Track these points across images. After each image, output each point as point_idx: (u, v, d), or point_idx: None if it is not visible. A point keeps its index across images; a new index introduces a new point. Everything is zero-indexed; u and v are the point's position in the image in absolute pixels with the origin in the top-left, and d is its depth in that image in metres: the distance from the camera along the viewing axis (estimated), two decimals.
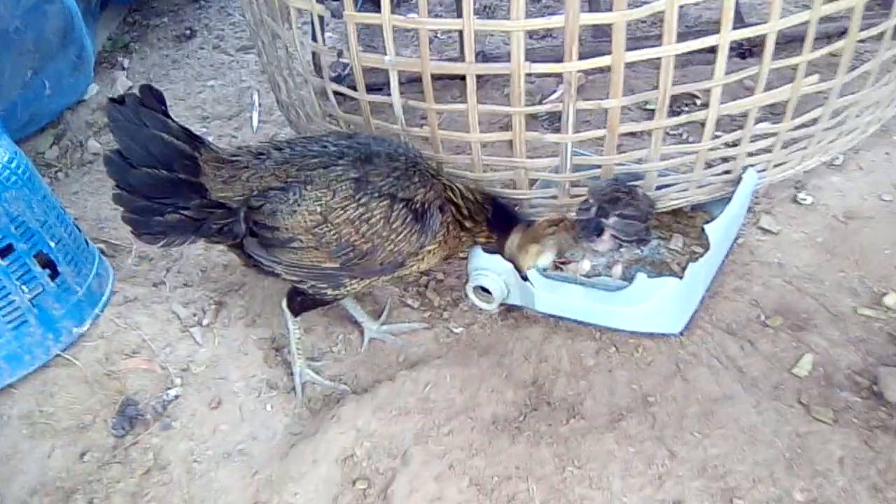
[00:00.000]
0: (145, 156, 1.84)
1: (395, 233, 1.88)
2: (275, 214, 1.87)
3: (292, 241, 1.89)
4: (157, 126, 1.84)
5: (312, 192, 1.86)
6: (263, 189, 1.88)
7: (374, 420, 1.94)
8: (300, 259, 1.92)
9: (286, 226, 1.87)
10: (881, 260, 2.18)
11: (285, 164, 1.90)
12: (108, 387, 2.19)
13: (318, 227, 1.86)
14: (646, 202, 2.01)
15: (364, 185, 1.87)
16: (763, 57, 1.93)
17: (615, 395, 1.93)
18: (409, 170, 1.93)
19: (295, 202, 1.86)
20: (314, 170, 1.88)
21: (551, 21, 1.83)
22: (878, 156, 2.49)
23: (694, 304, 2.05)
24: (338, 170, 1.88)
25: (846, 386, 1.92)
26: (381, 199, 1.87)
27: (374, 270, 1.95)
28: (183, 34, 3.87)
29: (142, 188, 1.87)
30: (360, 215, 1.86)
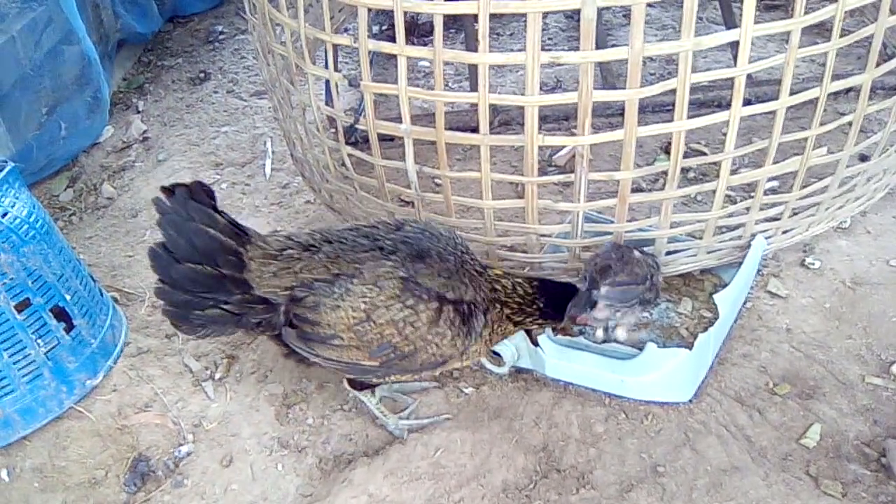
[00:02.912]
0: (190, 250, 1.84)
1: (439, 336, 1.85)
2: (317, 307, 1.83)
3: (333, 339, 1.86)
4: (204, 220, 1.84)
5: (358, 286, 1.82)
6: (310, 281, 1.85)
7: (386, 485, 1.95)
8: (340, 356, 1.89)
9: (329, 321, 1.84)
10: (889, 327, 2.20)
11: (336, 258, 1.87)
12: (121, 441, 2.21)
13: (361, 325, 1.83)
14: (644, 264, 2.03)
15: (412, 286, 1.83)
16: (773, 131, 1.96)
17: (625, 465, 1.94)
18: (459, 270, 1.90)
19: (340, 296, 1.82)
20: (363, 264, 1.85)
21: (565, 97, 1.86)
22: (886, 219, 2.51)
23: (703, 372, 2.07)
24: (387, 266, 1.84)
25: (854, 458, 1.93)
26: (430, 301, 1.83)
27: (413, 369, 1.93)
28: (197, 77, 3.92)
29: (184, 283, 1.86)
30: (406, 317, 1.82)
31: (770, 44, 3.40)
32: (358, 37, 1.93)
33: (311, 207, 2.93)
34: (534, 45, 1.78)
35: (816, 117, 1.97)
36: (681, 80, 1.82)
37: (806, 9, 1.78)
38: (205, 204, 1.85)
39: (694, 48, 1.78)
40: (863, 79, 1.95)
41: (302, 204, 2.97)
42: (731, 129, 1.91)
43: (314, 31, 2.05)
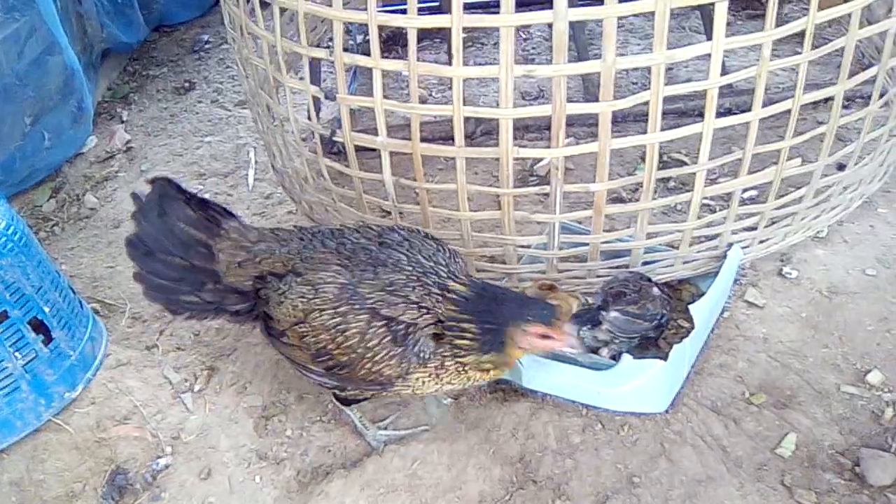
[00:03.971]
0: (161, 242, 1.94)
1: (370, 351, 1.77)
2: (268, 301, 1.88)
3: (283, 335, 1.88)
4: (175, 214, 1.94)
5: (300, 286, 1.83)
6: (265, 274, 1.90)
7: (362, 497, 1.95)
8: (291, 355, 1.92)
9: (277, 316, 1.87)
10: (864, 336, 2.21)
11: (296, 254, 1.90)
12: (99, 454, 2.20)
13: (300, 325, 1.83)
14: (659, 304, 2.04)
15: (347, 294, 1.78)
16: (747, 142, 1.98)
17: (601, 475, 1.95)
18: (416, 287, 1.78)
19: (284, 293, 1.85)
20: (312, 263, 1.86)
21: (539, 109, 1.87)
22: (863, 228, 2.53)
23: (679, 382, 2.08)
24: (332, 269, 1.83)
25: (829, 467, 1.94)
26: (360, 312, 1.77)
27: (359, 385, 1.88)
28: (182, 86, 3.93)
29: (159, 272, 1.97)
30: (336, 325, 1.78)
31: (751, 53, 3.42)
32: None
33: (294, 218, 2.93)
34: (507, 58, 1.79)
35: (790, 128, 1.99)
36: (654, 93, 1.83)
37: (781, 20, 1.80)
38: (175, 197, 1.94)
39: (666, 61, 1.80)
40: (836, 90, 1.97)
41: (284, 214, 2.97)
42: (704, 140, 1.92)
43: (290, 44, 2.05)
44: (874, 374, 2.12)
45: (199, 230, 1.94)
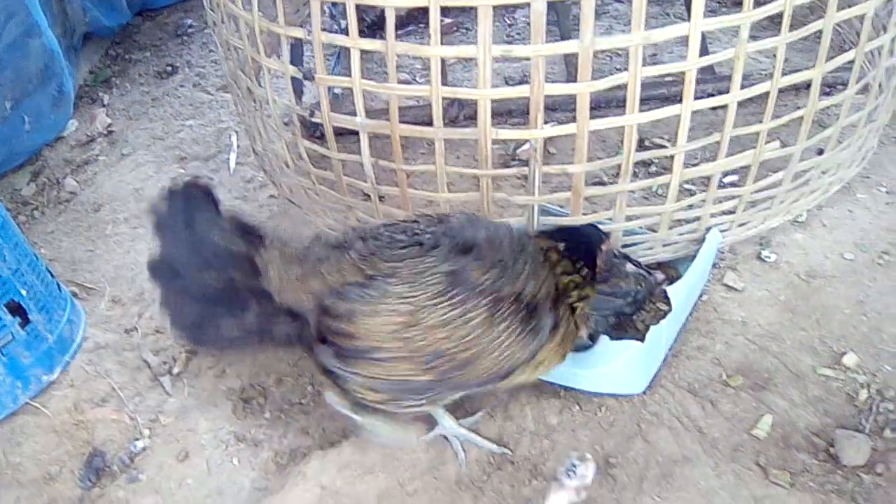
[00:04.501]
0: (193, 261, 1.64)
1: (499, 337, 1.59)
2: (352, 316, 1.59)
3: (375, 352, 1.61)
4: (205, 225, 1.65)
5: (398, 287, 1.59)
6: (341, 285, 1.62)
7: (340, 478, 1.95)
8: (387, 373, 1.62)
9: (367, 331, 1.60)
10: (841, 319, 2.23)
11: (370, 256, 1.65)
12: (76, 437, 2.19)
13: (406, 331, 1.58)
14: (633, 281, 2.03)
15: (458, 281, 1.59)
16: (725, 125, 1.98)
17: None
18: (518, 261, 1.65)
19: (377, 300, 1.59)
20: (402, 261, 1.63)
21: (517, 90, 1.87)
22: (842, 213, 2.54)
23: (656, 364, 2.09)
24: (429, 261, 1.61)
25: (804, 447, 1.95)
26: (481, 297, 1.58)
27: (474, 382, 1.67)
28: (164, 70, 3.89)
29: (192, 298, 1.66)
30: (456, 317, 1.57)
31: (736, 40, 3.42)
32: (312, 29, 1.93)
33: (275, 202, 2.92)
34: (485, 38, 1.79)
35: (768, 111, 1.99)
36: (632, 75, 1.83)
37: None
38: (204, 205, 1.66)
39: (643, 42, 1.79)
40: (814, 73, 1.97)
41: (266, 198, 2.96)
42: (682, 122, 1.92)
43: (268, 23, 2.04)
44: (850, 357, 2.13)
45: (238, 242, 1.66)
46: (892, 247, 2.41)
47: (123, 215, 2.99)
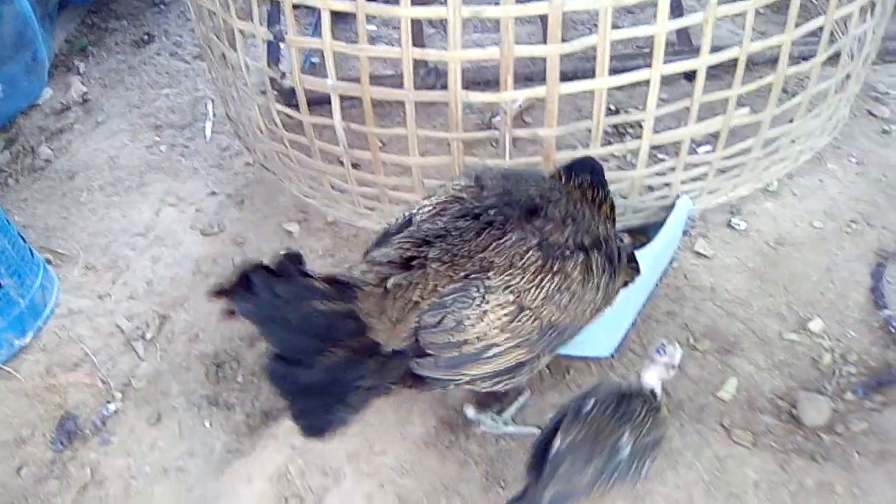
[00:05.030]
0: (307, 341, 1.41)
1: (594, 289, 1.58)
2: (461, 325, 1.48)
3: (488, 350, 1.52)
4: (302, 296, 1.39)
5: (497, 278, 1.51)
6: (438, 297, 1.50)
7: (310, 440, 1.96)
8: (499, 365, 1.55)
9: (478, 334, 1.50)
10: (808, 286, 2.26)
11: (452, 258, 1.52)
12: (49, 400, 2.19)
13: (517, 320, 1.51)
14: None
15: (549, 248, 1.54)
16: (694, 90, 1.99)
17: (544, 418, 1.97)
18: (576, 206, 1.61)
19: (482, 299, 1.49)
20: (486, 250, 1.52)
21: (487, 52, 1.87)
22: (813, 182, 2.57)
23: (624, 327, 2.11)
24: (513, 240, 1.53)
25: (767, 409, 1.99)
26: (574, 254, 1.54)
27: (567, 339, 1.64)
28: (141, 39, 3.85)
29: (319, 382, 1.44)
30: (559, 286, 1.53)
31: (720, 22, 3.41)
32: None
33: (251, 170, 2.91)
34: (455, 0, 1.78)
35: (738, 77, 2.00)
36: (601, 37, 1.83)
37: None
38: (290, 274, 1.39)
39: (614, 4, 1.79)
40: (783, 39, 1.98)
41: (241, 166, 2.94)
42: (651, 87, 1.93)
43: None
44: (815, 322, 2.17)
45: (339, 299, 1.44)
46: (860, 216, 2.44)
47: (98, 183, 2.97)
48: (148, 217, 2.77)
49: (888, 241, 2.36)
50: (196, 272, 2.54)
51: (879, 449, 1.86)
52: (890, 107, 2.86)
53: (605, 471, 1.53)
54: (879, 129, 2.77)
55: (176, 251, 2.62)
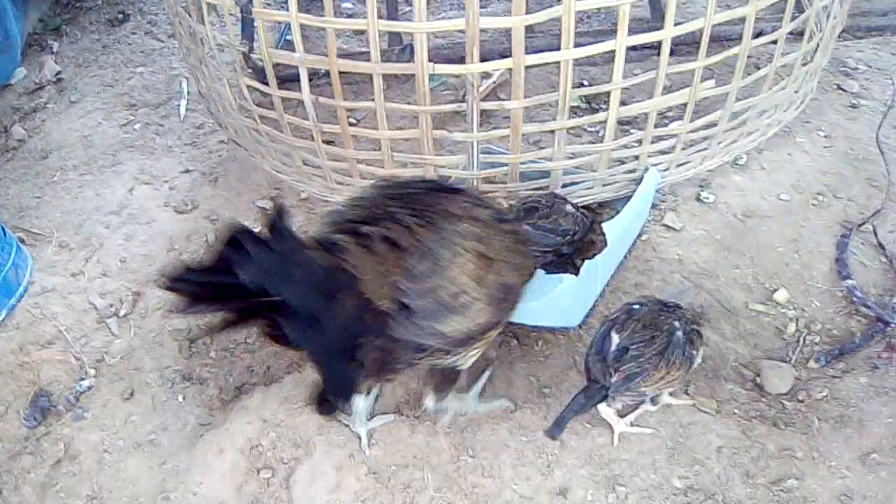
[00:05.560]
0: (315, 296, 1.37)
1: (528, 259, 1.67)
2: (438, 264, 1.50)
3: (458, 298, 1.52)
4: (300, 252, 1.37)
5: (463, 226, 1.56)
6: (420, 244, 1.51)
7: (281, 411, 1.98)
8: (472, 324, 1.56)
9: (449, 279, 1.51)
10: (774, 257, 2.29)
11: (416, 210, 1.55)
12: (21, 377, 2.19)
13: (482, 270, 1.54)
14: (572, 221, 2.08)
15: (497, 210, 1.65)
16: (660, 62, 2.00)
17: (513, 387, 2.01)
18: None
19: (450, 241, 1.52)
20: (441, 204, 1.59)
21: (452, 24, 1.87)
22: (781, 156, 2.59)
23: (591, 299, 2.13)
24: (463, 197, 1.62)
25: (732, 378, 2.03)
26: (515, 223, 1.66)
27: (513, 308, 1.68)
28: (116, 18, 3.81)
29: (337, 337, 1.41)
30: (509, 243, 1.61)
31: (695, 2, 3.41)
32: None
33: (225, 147, 2.90)
34: None
35: (702, 48, 2.01)
36: (566, 8, 1.83)
37: None
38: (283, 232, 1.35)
39: None
40: (747, 10, 1.99)
41: (216, 144, 2.94)
42: (617, 59, 1.94)
43: None
44: (781, 293, 2.20)
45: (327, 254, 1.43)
46: (826, 188, 2.47)
47: (72, 162, 2.95)
48: (121, 195, 2.76)
49: (853, 212, 2.39)
50: (170, 249, 2.54)
51: (839, 414, 1.90)
52: (859, 81, 2.88)
53: (666, 349, 1.76)
54: (848, 104, 2.80)
55: (149, 228, 2.62)
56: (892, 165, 2.52)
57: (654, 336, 1.77)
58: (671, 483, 1.79)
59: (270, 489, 1.87)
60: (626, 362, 1.74)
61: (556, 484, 1.80)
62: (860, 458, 1.80)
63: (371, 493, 1.81)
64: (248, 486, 1.87)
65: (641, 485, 1.79)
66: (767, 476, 1.79)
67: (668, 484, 1.79)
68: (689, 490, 1.77)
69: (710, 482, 1.79)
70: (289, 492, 1.84)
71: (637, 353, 1.75)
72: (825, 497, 1.74)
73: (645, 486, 1.79)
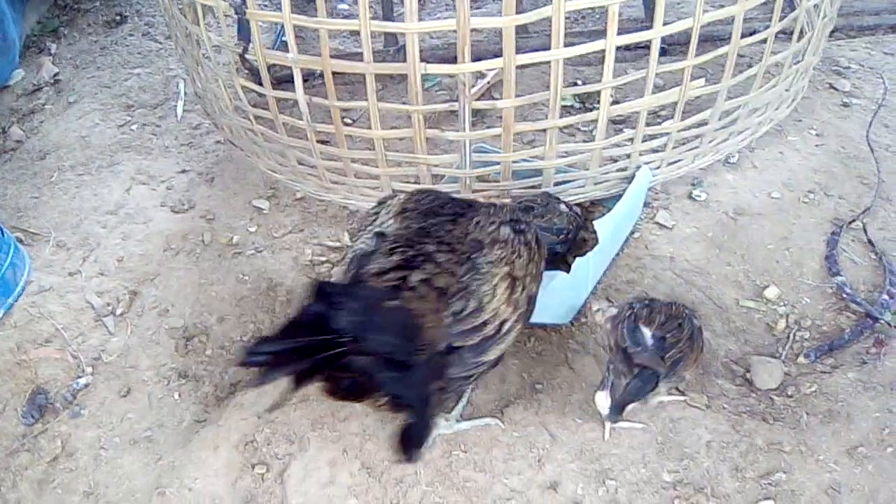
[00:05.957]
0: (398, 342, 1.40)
1: (542, 260, 1.75)
2: (481, 304, 1.55)
3: (502, 328, 1.59)
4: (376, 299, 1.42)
5: (491, 252, 1.62)
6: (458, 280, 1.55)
7: None
8: (508, 346, 1.64)
9: (492, 311, 1.57)
10: (765, 254, 2.31)
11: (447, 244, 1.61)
12: (19, 376, 2.21)
13: (514, 291, 1.61)
14: (566, 219, 2.11)
15: (515, 223, 1.71)
16: (649, 61, 2.02)
17: (505, 384, 2.02)
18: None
19: (490, 274, 1.58)
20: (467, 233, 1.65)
21: (444, 24, 1.89)
22: (773, 154, 2.61)
23: (583, 296, 2.15)
24: (482, 220, 1.69)
25: (722, 374, 2.04)
26: (528, 227, 1.73)
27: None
28: (113, 19, 3.84)
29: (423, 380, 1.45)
30: (530, 256, 1.69)
31: None
32: None
33: (221, 147, 2.92)
34: None
35: (692, 48, 2.03)
36: (556, 8, 1.85)
37: None
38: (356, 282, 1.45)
39: None
40: (736, 10, 2.01)
41: (212, 144, 2.96)
42: (607, 58, 1.96)
43: None
44: (771, 290, 2.22)
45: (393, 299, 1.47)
46: (818, 186, 2.49)
47: (69, 163, 2.97)
48: (118, 195, 2.79)
49: (844, 210, 2.41)
50: (166, 248, 2.56)
51: (827, 409, 1.92)
52: (851, 80, 2.91)
53: (692, 335, 1.85)
54: (840, 102, 2.82)
55: (146, 228, 2.64)
56: (883, 164, 2.54)
57: (680, 324, 1.86)
58: (661, 477, 1.81)
59: (265, 484, 1.89)
60: (668, 349, 1.81)
61: (546, 478, 1.82)
62: (848, 451, 1.81)
63: (364, 487, 1.83)
64: (243, 482, 1.89)
65: (631, 479, 1.81)
66: (756, 470, 1.81)
67: (657, 478, 1.81)
68: (679, 484, 1.79)
69: (699, 476, 1.80)
70: (283, 487, 1.86)
71: (675, 340, 1.83)
72: (813, 490, 1.75)
73: (635, 481, 1.81)
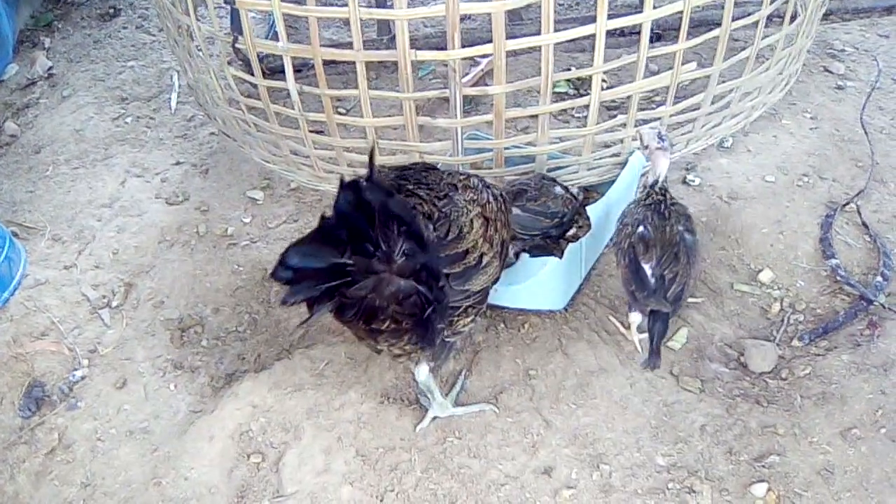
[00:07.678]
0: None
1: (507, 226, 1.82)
2: (461, 232, 1.65)
3: (481, 260, 1.69)
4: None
5: (464, 193, 1.73)
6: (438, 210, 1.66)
7: (270, 396, 2.01)
8: (488, 279, 1.74)
9: (472, 242, 1.67)
10: (759, 238, 2.30)
11: (425, 185, 1.71)
12: (16, 369, 2.22)
13: (488, 229, 1.71)
14: (561, 203, 2.09)
15: (480, 179, 1.80)
16: (640, 45, 2.01)
17: (499, 370, 2.03)
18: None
19: (466, 209, 1.68)
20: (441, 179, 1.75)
21: (433, 10, 1.88)
22: (767, 138, 2.60)
23: (576, 281, 2.15)
24: (451, 173, 1.79)
25: (716, 358, 2.04)
26: (496, 188, 1.82)
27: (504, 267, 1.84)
28: (107, 13, 3.83)
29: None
30: (497, 207, 1.78)
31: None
32: None
33: (216, 139, 2.92)
34: None
35: (683, 32, 2.02)
36: None
37: None
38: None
39: None
40: None
41: (206, 136, 2.96)
42: (597, 43, 1.95)
43: None
44: (765, 273, 2.22)
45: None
46: (811, 169, 2.49)
47: (64, 156, 2.97)
48: (113, 188, 2.79)
49: (838, 192, 2.41)
50: (161, 240, 2.56)
51: (821, 391, 1.92)
52: (845, 63, 2.89)
53: (688, 258, 1.91)
54: (834, 85, 2.81)
55: (141, 220, 2.65)
56: (877, 146, 2.54)
57: (676, 253, 1.90)
58: (655, 461, 1.81)
59: (260, 473, 1.89)
60: (670, 286, 1.88)
61: (540, 463, 1.82)
62: (841, 433, 1.82)
63: (359, 475, 1.84)
64: (239, 471, 1.90)
65: (625, 463, 1.81)
66: (750, 453, 1.81)
67: (651, 462, 1.81)
68: (673, 467, 1.80)
69: (693, 459, 1.81)
70: (278, 475, 1.87)
71: (672, 275, 1.89)
72: (806, 472, 1.76)
73: (629, 465, 1.81)
